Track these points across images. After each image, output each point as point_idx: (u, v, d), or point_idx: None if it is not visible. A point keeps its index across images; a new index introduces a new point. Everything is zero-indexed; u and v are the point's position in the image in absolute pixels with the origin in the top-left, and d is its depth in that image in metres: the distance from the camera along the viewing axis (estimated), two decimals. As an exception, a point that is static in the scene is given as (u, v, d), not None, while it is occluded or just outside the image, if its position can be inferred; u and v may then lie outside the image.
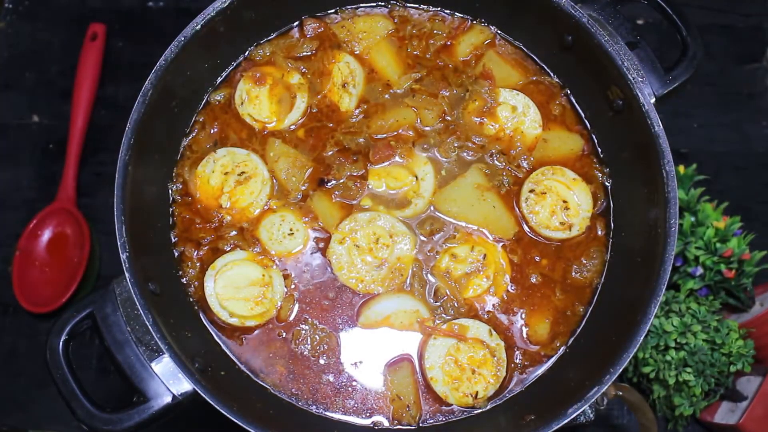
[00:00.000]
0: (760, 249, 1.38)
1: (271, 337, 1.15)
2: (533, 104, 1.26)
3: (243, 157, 1.20)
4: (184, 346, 1.04)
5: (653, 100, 1.14)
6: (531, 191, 1.21)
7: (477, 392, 1.13)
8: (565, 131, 1.26)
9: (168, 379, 1.02)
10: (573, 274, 1.20)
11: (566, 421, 1.02)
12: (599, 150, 1.26)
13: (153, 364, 1.03)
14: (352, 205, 1.20)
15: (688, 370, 1.27)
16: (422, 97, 1.25)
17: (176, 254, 1.18)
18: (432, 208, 1.21)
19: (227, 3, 1.15)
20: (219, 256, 1.17)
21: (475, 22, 1.31)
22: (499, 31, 1.31)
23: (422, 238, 1.19)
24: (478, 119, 1.25)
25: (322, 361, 1.15)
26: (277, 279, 1.16)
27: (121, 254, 1.02)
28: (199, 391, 0.99)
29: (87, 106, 1.56)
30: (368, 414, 1.14)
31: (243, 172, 1.19)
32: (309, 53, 1.28)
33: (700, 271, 1.35)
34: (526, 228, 1.21)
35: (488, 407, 1.15)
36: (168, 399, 1.02)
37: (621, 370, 1.03)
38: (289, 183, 1.20)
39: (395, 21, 1.30)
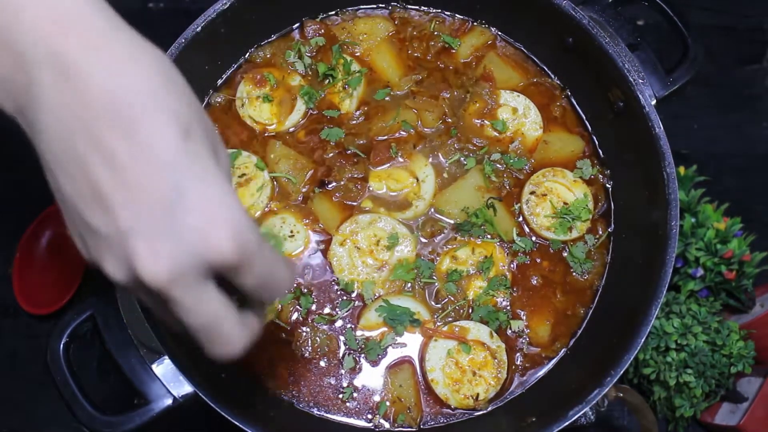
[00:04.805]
0: (761, 250, 1.38)
1: (272, 339, 1.15)
2: (534, 106, 1.26)
3: (243, 159, 1.20)
4: (184, 347, 1.04)
5: (654, 101, 1.14)
6: (532, 193, 1.21)
7: (478, 394, 1.13)
8: (566, 133, 1.26)
9: (169, 381, 1.02)
10: (573, 275, 1.20)
11: (567, 422, 1.02)
12: (600, 152, 1.26)
13: (154, 367, 1.02)
14: (353, 206, 1.20)
15: (689, 371, 1.27)
16: (423, 99, 1.25)
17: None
18: (432, 209, 1.21)
19: (228, 4, 1.14)
20: (220, 258, 1.16)
21: (475, 23, 1.31)
22: (499, 33, 1.31)
23: (423, 239, 1.19)
24: (479, 121, 1.25)
25: (322, 363, 1.15)
26: (278, 281, 1.16)
27: (121, 256, 1.02)
28: (200, 394, 0.99)
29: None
30: (369, 416, 1.14)
31: (243, 174, 1.19)
32: (310, 55, 1.27)
33: (700, 272, 1.35)
34: (526, 229, 1.21)
35: (489, 409, 1.15)
36: (169, 401, 1.01)
37: (622, 371, 1.03)
38: (290, 185, 1.20)
39: (396, 23, 1.30)
